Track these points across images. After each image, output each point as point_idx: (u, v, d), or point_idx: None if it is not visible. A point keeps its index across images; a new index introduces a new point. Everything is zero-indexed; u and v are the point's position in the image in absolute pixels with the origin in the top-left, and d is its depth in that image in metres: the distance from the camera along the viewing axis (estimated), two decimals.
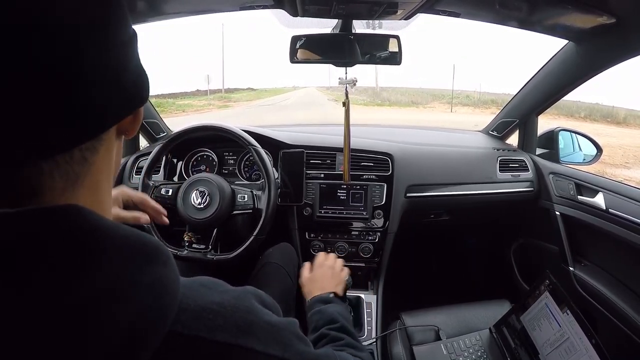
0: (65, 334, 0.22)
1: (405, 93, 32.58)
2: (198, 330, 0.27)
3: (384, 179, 1.14)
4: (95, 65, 0.25)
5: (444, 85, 67.93)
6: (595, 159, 1.26)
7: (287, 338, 0.32)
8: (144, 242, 0.28)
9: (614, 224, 0.96)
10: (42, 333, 0.22)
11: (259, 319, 0.31)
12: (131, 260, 0.26)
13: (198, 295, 0.29)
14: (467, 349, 0.90)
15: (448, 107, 21.09)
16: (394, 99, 27.47)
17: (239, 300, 0.31)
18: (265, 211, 0.94)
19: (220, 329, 0.28)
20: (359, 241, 1.16)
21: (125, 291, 0.25)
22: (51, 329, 0.22)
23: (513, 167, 1.27)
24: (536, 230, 1.32)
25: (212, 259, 0.93)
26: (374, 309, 1.08)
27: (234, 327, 0.28)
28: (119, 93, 0.28)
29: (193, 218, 0.92)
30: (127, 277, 0.25)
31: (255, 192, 0.97)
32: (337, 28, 0.91)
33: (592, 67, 0.99)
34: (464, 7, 0.88)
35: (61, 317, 0.22)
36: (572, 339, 0.72)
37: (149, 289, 0.26)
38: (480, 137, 1.49)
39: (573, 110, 15.28)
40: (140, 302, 0.25)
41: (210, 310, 0.28)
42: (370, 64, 0.92)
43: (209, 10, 1.00)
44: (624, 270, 0.99)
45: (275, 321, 0.32)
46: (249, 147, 0.97)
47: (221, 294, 0.31)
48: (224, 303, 0.30)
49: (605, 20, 0.80)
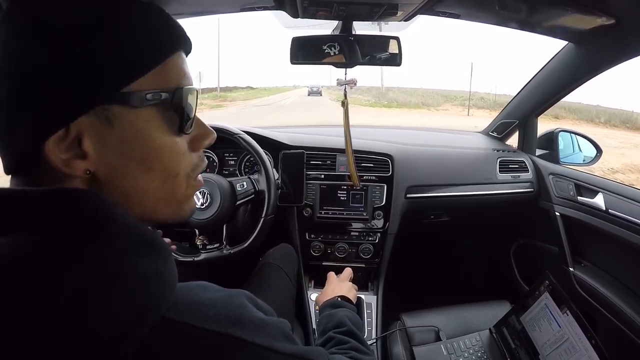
0: (64, 310, 0.24)
1: (413, 93, 29.44)
2: (189, 318, 0.28)
3: (384, 179, 1.14)
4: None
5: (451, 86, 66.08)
6: (595, 160, 1.26)
7: (274, 333, 0.33)
8: (149, 237, 0.30)
9: (613, 224, 0.96)
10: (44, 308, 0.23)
11: (248, 314, 0.32)
12: (134, 250, 0.28)
13: (193, 293, 0.30)
14: (467, 349, 0.90)
15: (461, 109, 18.89)
16: (402, 100, 24.62)
17: (231, 298, 0.32)
18: (268, 190, 0.95)
19: (211, 319, 0.29)
20: (359, 242, 1.16)
21: (124, 276, 0.26)
22: (52, 305, 0.23)
23: (513, 168, 1.27)
24: (536, 231, 1.32)
25: (230, 252, 0.93)
26: (374, 309, 1.08)
27: (224, 319, 0.29)
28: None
29: (197, 219, 0.92)
30: (128, 264, 0.27)
31: (252, 177, 0.98)
32: (337, 29, 0.91)
33: (592, 68, 0.99)
34: (463, 8, 0.88)
35: (61, 295, 0.24)
36: (572, 339, 0.72)
37: (147, 277, 0.27)
38: (480, 138, 1.49)
39: (593, 115, 14.85)
40: (138, 287, 0.26)
41: (203, 304, 0.29)
42: (370, 65, 0.92)
43: (209, 12, 1.01)
44: (623, 270, 0.99)
45: (264, 317, 0.33)
46: (249, 148, 0.97)
47: (215, 292, 0.32)
48: (217, 299, 0.31)
49: (605, 21, 0.80)
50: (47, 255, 0.25)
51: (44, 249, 0.25)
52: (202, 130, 0.37)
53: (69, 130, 0.28)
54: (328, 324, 0.63)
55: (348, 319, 0.63)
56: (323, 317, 0.68)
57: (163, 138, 0.32)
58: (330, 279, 0.87)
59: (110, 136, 0.29)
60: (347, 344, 0.56)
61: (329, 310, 0.69)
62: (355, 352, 0.53)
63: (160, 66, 0.31)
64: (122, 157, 0.30)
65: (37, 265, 0.24)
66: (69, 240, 0.26)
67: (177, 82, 0.33)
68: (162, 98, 0.31)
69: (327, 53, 0.90)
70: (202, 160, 0.38)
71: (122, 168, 0.31)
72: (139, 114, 0.30)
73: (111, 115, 0.29)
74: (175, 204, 0.35)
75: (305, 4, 0.77)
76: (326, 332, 0.61)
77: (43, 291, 0.24)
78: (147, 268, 0.28)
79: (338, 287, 0.80)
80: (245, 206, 0.99)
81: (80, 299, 0.24)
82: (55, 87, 0.27)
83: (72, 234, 0.26)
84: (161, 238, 0.31)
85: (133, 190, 0.32)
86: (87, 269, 0.25)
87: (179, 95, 0.32)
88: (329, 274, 0.88)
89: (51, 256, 0.25)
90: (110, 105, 0.29)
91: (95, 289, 0.25)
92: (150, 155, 0.31)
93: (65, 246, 0.25)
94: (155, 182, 0.33)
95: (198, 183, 0.38)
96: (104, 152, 0.29)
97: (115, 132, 0.29)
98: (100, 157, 0.29)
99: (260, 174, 0.97)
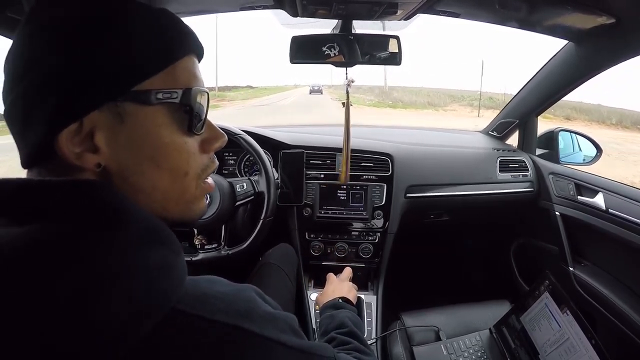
0: (74, 301, 0.24)
1: (418, 93, 27.85)
2: (199, 310, 0.28)
3: (383, 179, 1.14)
4: None
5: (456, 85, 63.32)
6: (595, 159, 1.26)
7: (282, 327, 0.33)
8: (161, 229, 0.31)
9: (613, 224, 0.96)
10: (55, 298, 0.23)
11: (257, 307, 0.32)
12: (146, 241, 0.28)
13: (203, 286, 0.31)
14: (467, 349, 0.90)
15: (470, 109, 17.92)
16: (407, 100, 23.34)
17: (240, 292, 0.32)
18: (267, 192, 0.95)
19: (221, 312, 0.29)
20: (359, 241, 1.16)
21: (135, 266, 0.27)
22: (62, 295, 0.24)
23: (513, 167, 1.27)
24: (536, 231, 1.32)
25: (228, 253, 0.93)
26: (374, 309, 1.08)
27: (234, 311, 0.30)
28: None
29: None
30: (139, 254, 0.27)
31: (252, 178, 0.98)
32: (337, 28, 0.91)
33: (592, 68, 0.98)
34: (463, 7, 0.88)
35: (72, 284, 0.24)
36: (572, 339, 0.72)
37: (157, 268, 0.28)
38: (480, 137, 1.49)
39: (604, 117, 14.53)
40: (149, 279, 0.27)
41: (213, 296, 0.30)
42: (370, 65, 0.92)
43: (209, 11, 1.01)
44: (623, 270, 0.99)
45: (274, 311, 0.33)
46: (248, 148, 0.97)
47: (224, 286, 0.32)
48: (226, 292, 0.31)
49: (605, 20, 0.80)
50: (61, 245, 0.25)
51: (59, 239, 0.25)
52: (213, 132, 0.38)
53: (82, 125, 0.29)
54: (330, 325, 0.63)
55: (349, 320, 0.64)
56: (324, 318, 0.68)
57: (173, 137, 0.33)
58: (330, 279, 0.87)
59: (122, 132, 0.31)
60: (349, 345, 0.56)
61: (330, 312, 0.69)
62: (357, 353, 0.53)
63: (170, 67, 0.33)
64: (132, 153, 0.31)
65: (51, 256, 0.25)
66: (83, 231, 0.26)
67: (188, 83, 0.34)
68: (172, 97, 0.32)
69: (326, 52, 0.90)
70: (212, 161, 0.39)
71: (132, 164, 0.32)
72: (149, 112, 0.31)
73: (123, 112, 0.30)
74: (184, 204, 0.36)
75: (304, 2, 0.76)
76: (328, 332, 0.61)
77: (55, 282, 0.24)
78: (158, 260, 0.28)
79: (338, 287, 0.80)
80: (244, 207, 0.99)
81: (92, 290, 0.24)
82: (71, 82, 0.29)
83: (86, 224, 0.27)
84: (172, 232, 0.32)
85: (142, 187, 0.32)
86: (99, 260, 0.25)
87: (188, 95, 0.33)
88: (329, 275, 0.88)
89: (65, 246, 0.25)
90: (122, 102, 0.30)
91: (107, 281, 0.25)
92: (160, 153, 0.32)
93: (79, 237, 0.26)
94: (164, 180, 0.33)
95: (208, 186, 0.38)
96: (115, 147, 0.30)
97: (126, 128, 0.31)
98: (111, 151, 0.30)
99: (260, 175, 0.97)
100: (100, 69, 0.29)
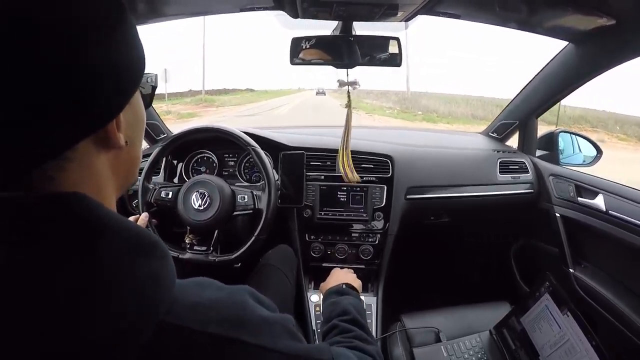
0: (58, 317, 0.23)
1: (452, 101, 20.71)
2: (190, 321, 0.27)
3: (384, 180, 1.14)
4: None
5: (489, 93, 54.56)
6: (595, 161, 1.26)
7: (278, 332, 0.33)
8: (143, 236, 0.30)
9: (614, 225, 0.96)
10: (37, 315, 0.23)
11: (251, 313, 0.32)
12: (129, 251, 0.28)
13: (193, 292, 0.30)
14: (468, 350, 0.90)
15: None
16: (443, 110, 17.11)
17: (232, 296, 0.32)
18: (266, 211, 0.94)
19: (213, 322, 0.28)
20: (359, 243, 1.16)
21: (120, 280, 0.26)
22: (46, 311, 0.23)
23: (513, 168, 1.26)
24: (536, 232, 1.32)
25: (214, 260, 0.93)
26: (374, 310, 1.08)
27: (225, 321, 0.29)
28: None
29: (194, 220, 0.92)
30: (123, 266, 0.27)
31: (255, 193, 0.96)
32: (337, 30, 0.91)
33: (592, 69, 0.98)
34: (464, 8, 0.88)
35: (55, 300, 0.24)
36: (572, 340, 0.72)
37: (143, 281, 0.27)
38: (480, 138, 1.49)
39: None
40: (134, 292, 0.26)
41: (204, 305, 0.29)
42: (370, 66, 0.92)
43: (208, 12, 1.01)
44: (624, 271, 0.99)
45: (268, 315, 0.33)
46: (249, 149, 0.97)
47: (215, 291, 0.32)
48: (217, 299, 0.31)
49: (605, 21, 0.80)
50: (41, 265, 0.25)
51: (38, 259, 0.25)
52: None
53: None
54: (333, 312, 0.63)
55: (353, 307, 0.63)
56: (328, 304, 0.68)
57: (144, 113, 0.39)
58: (334, 270, 0.87)
59: (129, 112, 0.34)
60: (351, 333, 0.56)
61: (334, 298, 0.69)
62: (359, 342, 0.53)
63: None
64: (134, 129, 0.35)
65: (32, 275, 0.24)
66: (63, 248, 0.26)
67: None
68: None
69: (326, 54, 0.90)
70: None
71: (134, 138, 0.36)
72: (137, 93, 0.35)
73: None
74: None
75: (305, 5, 0.76)
76: (331, 319, 0.61)
77: (38, 302, 0.23)
78: (143, 271, 0.27)
79: (343, 276, 0.80)
80: (242, 217, 0.99)
81: (76, 308, 0.24)
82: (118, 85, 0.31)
83: (65, 241, 0.26)
84: (154, 235, 0.32)
85: (137, 157, 0.38)
86: (82, 277, 0.25)
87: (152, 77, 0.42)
88: (334, 269, 0.88)
89: (46, 266, 0.25)
90: None
91: (91, 298, 0.25)
92: (142, 127, 0.38)
93: (60, 254, 0.25)
94: (139, 149, 0.38)
95: None
96: (127, 125, 0.34)
97: (131, 108, 0.34)
98: (126, 129, 0.33)
99: (264, 192, 0.96)
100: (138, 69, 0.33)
